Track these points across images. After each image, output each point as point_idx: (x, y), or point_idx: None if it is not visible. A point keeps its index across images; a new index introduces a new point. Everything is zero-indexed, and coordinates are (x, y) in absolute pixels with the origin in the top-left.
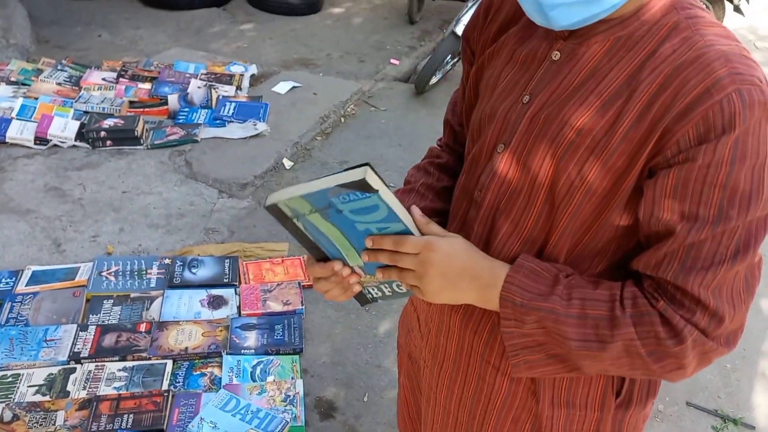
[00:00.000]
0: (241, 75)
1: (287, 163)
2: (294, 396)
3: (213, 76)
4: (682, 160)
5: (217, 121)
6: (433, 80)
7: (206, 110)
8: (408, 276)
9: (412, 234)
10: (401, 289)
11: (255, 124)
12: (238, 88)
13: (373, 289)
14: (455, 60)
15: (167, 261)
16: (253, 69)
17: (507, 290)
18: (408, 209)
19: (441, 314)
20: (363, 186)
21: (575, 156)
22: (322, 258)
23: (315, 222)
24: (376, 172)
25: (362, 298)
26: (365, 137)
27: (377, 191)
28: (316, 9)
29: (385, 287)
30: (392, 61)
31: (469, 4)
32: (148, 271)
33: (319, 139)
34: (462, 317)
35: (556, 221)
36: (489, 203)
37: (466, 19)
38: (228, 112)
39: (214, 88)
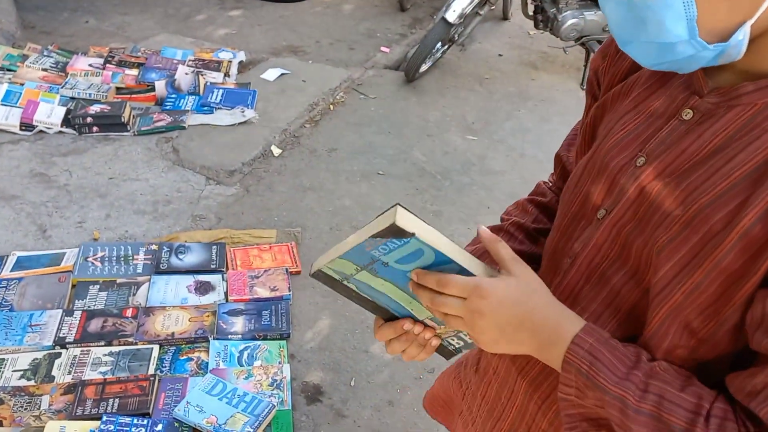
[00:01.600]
0: (230, 61)
1: (275, 151)
2: (281, 380)
3: (201, 63)
4: None
5: (205, 108)
6: (423, 68)
7: (194, 97)
8: (456, 322)
9: (472, 275)
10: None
11: (243, 111)
12: (226, 74)
13: (453, 339)
14: (445, 48)
15: (154, 247)
16: (242, 56)
17: (573, 353)
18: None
19: (507, 375)
20: (395, 232)
21: (684, 247)
22: (390, 318)
23: (366, 280)
24: (409, 211)
25: (445, 352)
26: (354, 125)
27: (413, 234)
28: None
29: (465, 335)
30: (382, 48)
31: None
32: (135, 257)
33: (307, 127)
34: (529, 384)
35: (650, 317)
36: (575, 276)
37: (456, 5)
38: (216, 99)
39: (202, 75)
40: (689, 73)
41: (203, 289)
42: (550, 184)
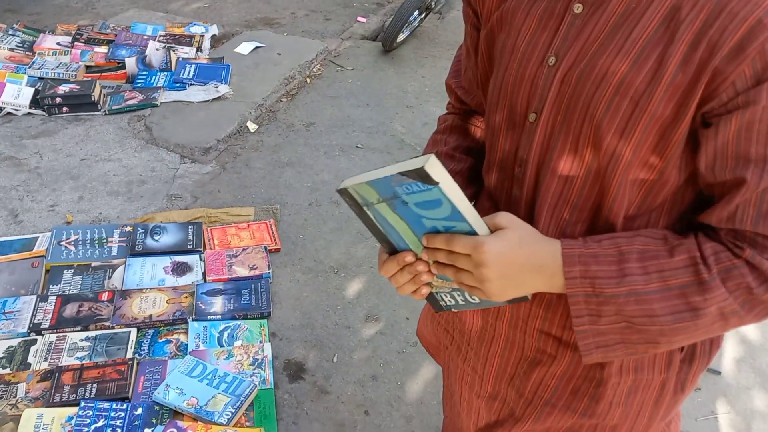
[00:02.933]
0: (202, 36)
1: (251, 126)
2: (262, 359)
3: (172, 38)
4: (742, 104)
5: (177, 85)
6: (401, 38)
7: (165, 73)
8: (466, 277)
9: (478, 235)
10: (474, 300)
11: (217, 87)
12: (199, 49)
13: (446, 296)
14: (423, 16)
15: (129, 229)
16: (214, 29)
17: (572, 286)
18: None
19: None
20: (422, 176)
21: (618, 114)
22: (393, 252)
23: (383, 212)
24: (442, 164)
25: (435, 304)
26: (332, 98)
27: (437, 183)
28: None
29: (458, 295)
30: (359, 18)
31: None
32: (109, 239)
33: (284, 101)
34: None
35: (607, 184)
36: (532, 177)
37: None
38: (188, 75)
39: (174, 50)
40: None
41: (180, 269)
42: (449, 110)
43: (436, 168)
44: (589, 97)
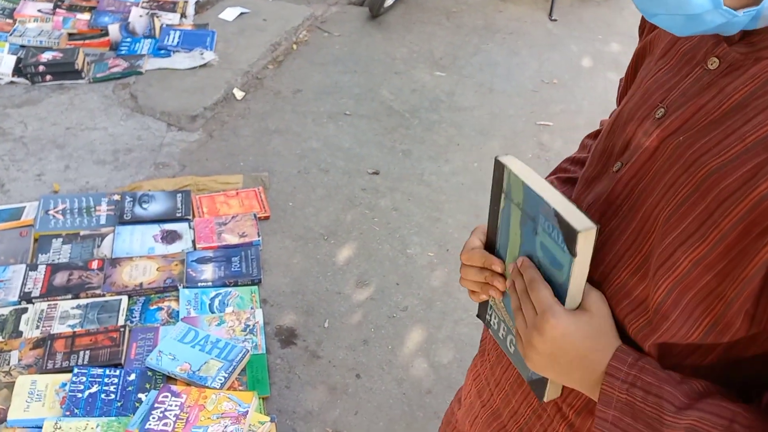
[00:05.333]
0: (186, 2)
1: (238, 94)
2: (254, 325)
3: (155, 4)
4: None
5: (162, 51)
6: (388, 2)
7: (150, 40)
8: (521, 325)
9: (563, 302)
10: (510, 348)
11: (202, 53)
12: (183, 15)
13: (495, 317)
14: None
15: (116, 197)
16: None
17: (601, 426)
18: None
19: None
20: (570, 236)
21: (691, 215)
22: (489, 246)
23: (512, 215)
24: (594, 239)
25: (482, 310)
26: (319, 64)
27: (575, 255)
28: None
29: (504, 329)
30: None
31: None
32: (97, 208)
33: (270, 68)
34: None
35: (655, 286)
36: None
37: None
38: (173, 42)
39: (157, 17)
40: None
41: (170, 238)
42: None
43: (588, 243)
44: (674, 177)
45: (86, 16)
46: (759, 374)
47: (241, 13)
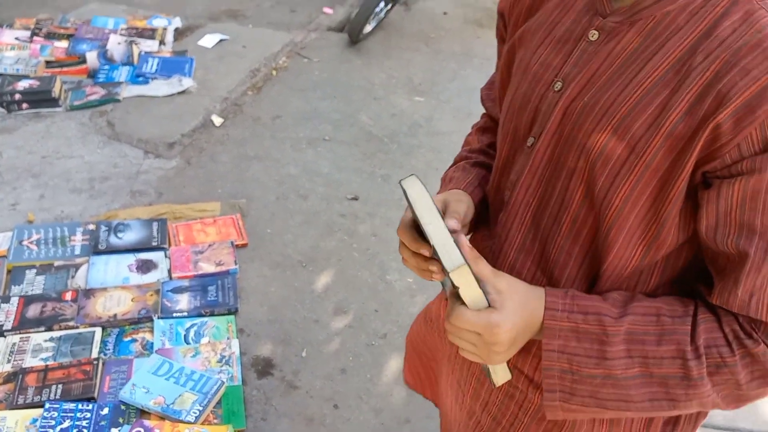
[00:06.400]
0: (165, 29)
1: (217, 120)
2: (230, 356)
3: (134, 31)
4: (746, 170)
5: (140, 79)
6: (367, 29)
7: (128, 67)
8: (470, 350)
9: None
10: None
11: (181, 80)
12: (162, 42)
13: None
14: (389, 7)
15: (91, 227)
16: (177, 22)
17: (548, 358)
18: (456, 236)
19: None
20: (445, 270)
21: (612, 157)
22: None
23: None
24: (470, 269)
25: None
26: (298, 90)
27: (458, 288)
28: None
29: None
30: (325, 10)
31: None
32: (72, 238)
33: (250, 94)
34: None
35: (599, 233)
36: (516, 205)
37: None
38: (151, 69)
39: (136, 44)
40: None
41: (145, 267)
42: (482, 115)
43: (460, 275)
44: (587, 134)
45: (64, 43)
46: (692, 289)
47: (221, 40)
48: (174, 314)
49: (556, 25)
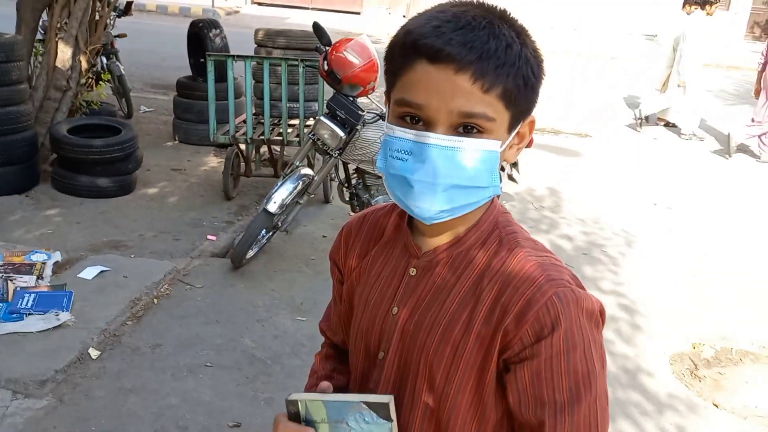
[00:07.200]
0: (43, 263)
1: (93, 353)
2: None
3: (11, 267)
4: (529, 356)
5: (14, 315)
6: (250, 254)
7: (1, 304)
8: None
9: None
10: None
11: (57, 315)
12: (39, 277)
13: None
14: (270, 234)
15: None
16: (57, 256)
17: None
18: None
19: None
20: (385, 410)
21: (443, 357)
22: None
23: None
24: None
25: None
26: (180, 317)
27: (392, 421)
28: (128, 190)
29: None
30: (209, 237)
31: (279, 182)
32: None
33: (129, 324)
34: None
35: (441, 420)
36: None
37: (276, 196)
38: (26, 304)
39: (12, 280)
40: (405, 242)
41: None
42: (323, 345)
43: (392, 404)
44: (422, 342)
45: None
46: None
47: (102, 271)
48: None
49: (385, 266)
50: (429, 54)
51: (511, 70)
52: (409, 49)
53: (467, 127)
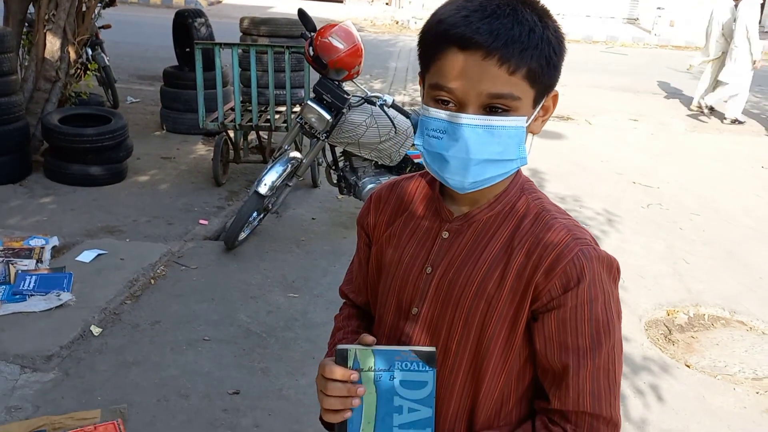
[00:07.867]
0: (42, 248)
1: (95, 330)
2: None
3: (11, 252)
4: (556, 306)
5: (17, 296)
6: (242, 236)
7: (4, 286)
8: None
9: (432, 425)
10: None
11: (59, 295)
12: (39, 261)
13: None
14: (261, 216)
15: None
16: (55, 241)
17: None
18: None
19: None
20: (429, 358)
21: (478, 311)
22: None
23: (364, 382)
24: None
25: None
26: (176, 296)
27: (434, 369)
28: (120, 178)
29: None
30: (201, 221)
31: (269, 166)
32: None
33: (128, 303)
34: None
35: (478, 374)
36: None
37: (266, 179)
38: (29, 286)
39: (13, 264)
40: (436, 208)
41: None
42: (343, 306)
43: (437, 355)
44: (457, 298)
45: None
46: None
47: (99, 255)
48: None
49: (416, 229)
50: (459, 42)
51: (534, 52)
52: (440, 37)
53: (495, 107)
